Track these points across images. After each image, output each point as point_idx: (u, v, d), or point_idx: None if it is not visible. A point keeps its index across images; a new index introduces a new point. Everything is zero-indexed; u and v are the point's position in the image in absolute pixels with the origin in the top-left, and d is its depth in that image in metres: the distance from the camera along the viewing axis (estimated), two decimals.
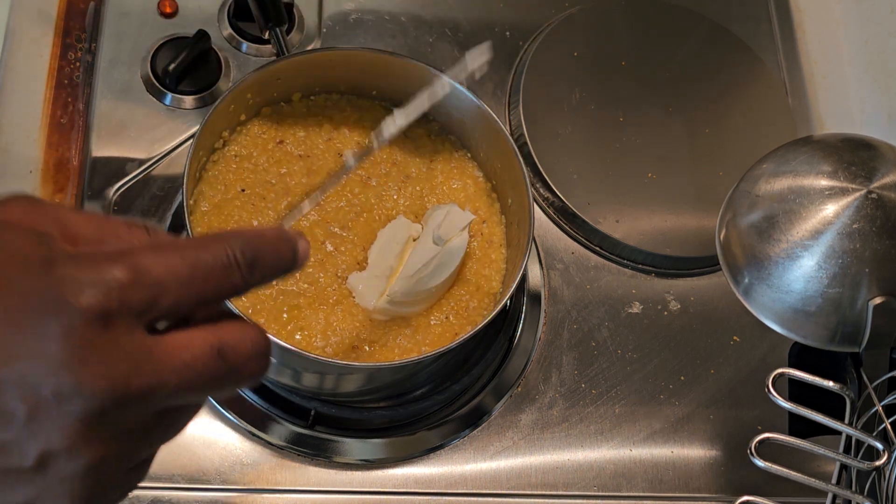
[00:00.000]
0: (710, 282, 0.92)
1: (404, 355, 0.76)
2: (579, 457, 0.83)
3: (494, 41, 1.01)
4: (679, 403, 0.87)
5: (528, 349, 0.87)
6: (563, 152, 0.94)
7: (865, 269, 0.65)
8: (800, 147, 0.70)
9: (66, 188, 0.85)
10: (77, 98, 0.89)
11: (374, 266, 0.77)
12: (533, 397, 0.85)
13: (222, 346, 0.42)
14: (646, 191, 0.94)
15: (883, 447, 0.64)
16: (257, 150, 0.81)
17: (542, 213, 0.93)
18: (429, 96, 0.68)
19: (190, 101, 0.90)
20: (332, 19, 0.98)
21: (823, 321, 0.67)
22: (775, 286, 0.67)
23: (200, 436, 0.79)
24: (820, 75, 1.07)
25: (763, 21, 1.08)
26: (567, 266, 0.91)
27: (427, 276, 0.76)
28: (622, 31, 1.03)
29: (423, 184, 0.83)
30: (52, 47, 0.91)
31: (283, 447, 0.79)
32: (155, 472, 0.76)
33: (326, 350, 0.74)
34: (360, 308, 0.76)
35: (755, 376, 0.88)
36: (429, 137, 0.85)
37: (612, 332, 0.89)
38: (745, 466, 0.67)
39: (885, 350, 0.68)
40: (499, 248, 0.82)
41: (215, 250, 0.42)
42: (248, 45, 0.93)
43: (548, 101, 0.96)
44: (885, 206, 0.65)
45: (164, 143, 0.88)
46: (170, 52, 0.90)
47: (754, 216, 0.69)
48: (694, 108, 1.00)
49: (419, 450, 0.81)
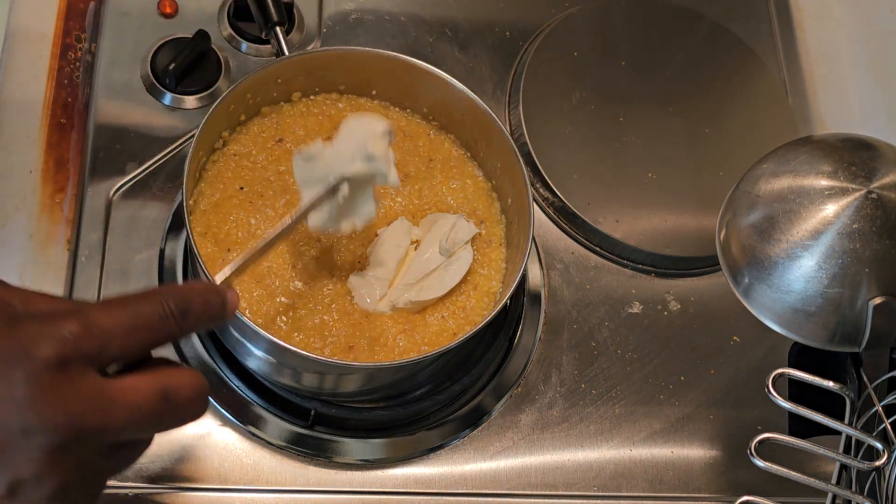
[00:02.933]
0: (710, 282, 0.92)
1: (404, 355, 0.76)
2: (579, 457, 0.83)
3: (494, 41, 1.01)
4: (679, 403, 0.87)
5: (528, 349, 0.87)
6: (563, 152, 0.94)
7: (865, 269, 0.65)
8: (800, 147, 0.70)
9: (65, 188, 0.85)
10: (77, 98, 0.89)
11: (375, 267, 0.78)
12: (533, 397, 0.85)
13: (167, 389, 0.49)
14: (646, 191, 0.94)
15: (883, 447, 0.64)
16: (256, 148, 0.81)
17: (542, 212, 0.93)
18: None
19: (190, 101, 0.90)
20: (332, 19, 0.98)
21: (823, 321, 0.67)
22: (775, 286, 0.67)
23: (200, 436, 0.79)
24: (820, 75, 1.07)
25: (763, 21, 1.08)
26: (567, 266, 0.91)
27: (429, 285, 0.77)
28: (622, 31, 1.03)
29: (423, 183, 0.83)
30: (52, 47, 0.91)
31: (283, 447, 0.79)
32: (155, 472, 0.76)
33: (325, 350, 0.74)
34: (356, 307, 0.76)
35: (755, 376, 0.88)
36: (428, 136, 0.85)
37: (612, 332, 0.89)
38: (745, 466, 0.67)
39: (885, 350, 0.68)
40: (498, 247, 0.82)
41: (152, 303, 0.50)
42: (248, 45, 0.93)
43: (548, 101, 0.96)
44: (885, 206, 0.65)
45: (164, 143, 0.88)
46: (170, 52, 0.90)
47: (754, 216, 0.69)
48: (694, 108, 1.00)
49: (419, 450, 0.81)
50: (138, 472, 0.76)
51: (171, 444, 0.78)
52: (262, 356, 0.76)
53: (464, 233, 0.79)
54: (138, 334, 0.49)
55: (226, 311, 0.55)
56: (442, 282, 0.77)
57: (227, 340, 0.79)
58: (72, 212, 0.84)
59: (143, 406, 0.48)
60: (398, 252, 0.78)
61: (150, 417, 0.49)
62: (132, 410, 0.48)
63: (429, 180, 0.83)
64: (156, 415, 0.49)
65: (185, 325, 0.51)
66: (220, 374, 0.80)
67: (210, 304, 0.53)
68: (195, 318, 0.52)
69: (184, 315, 0.51)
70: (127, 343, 0.48)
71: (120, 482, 0.75)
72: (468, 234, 0.80)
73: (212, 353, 0.81)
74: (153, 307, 0.50)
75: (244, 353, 0.78)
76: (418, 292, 0.77)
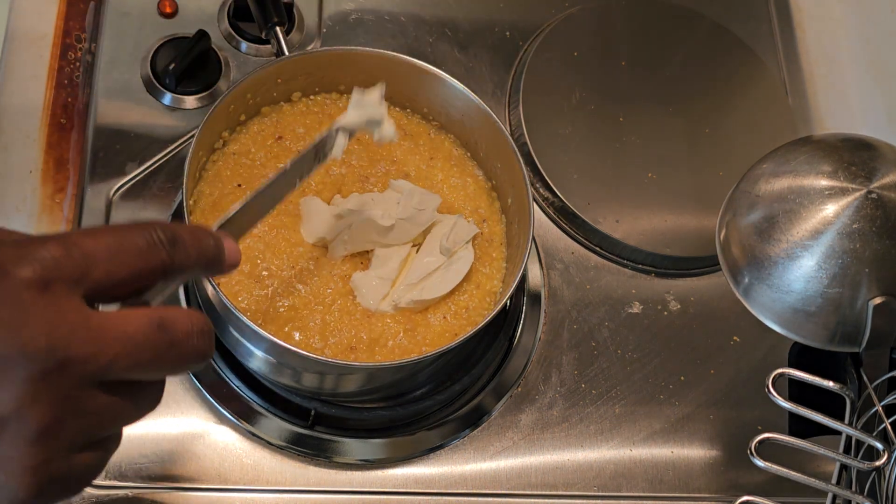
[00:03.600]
0: (710, 282, 0.92)
1: (404, 355, 0.76)
2: (579, 457, 0.83)
3: (494, 41, 1.01)
4: (679, 403, 0.87)
5: (528, 349, 0.87)
6: (563, 152, 0.94)
7: (865, 269, 0.65)
8: (800, 147, 0.70)
9: (65, 188, 0.85)
10: (77, 98, 0.89)
11: (378, 267, 0.78)
12: (533, 397, 0.85)
13: (162, 320, 0.45)
14: (646, 191, 0.94)
15: (883, 447, 0.64)
16: (255, 146, 0.81)
17: (542, 212, 0.93)
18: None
19: (190, 101, 0.90)
20: (332, 19, 0.98)
21: (823, 321, 0.67)
22: (775, 286, 0.67)
23: (200, 436, 0.79)
24: (820, 75, 1.07)
25: (763, 21, 1.08)
26: (567, 266, 0.91)
27: (431, 285, 0.77)
28: (622, 31, 1.03)
29: (423, 182, 0.83)
30: (52, 47, 0.91)
31: (283, 447, 0.79)
32: (155, 472, 0.76)
33: (325, 350, 0.74)
34: (358, 307, 0.76)
35: (755, 376, 0.88)
36: (428, 136, 0.85)
37: (612, 332, 0.89)
38: (745, 466, 0.67)
39: (885, 350, 0.68)
40: (499, 246, 0.82)
41: (139, 228, 0.46)
42: (248, 45, 0.93)
43: (548, 101, 0.96)
44: (885, 206, 0.65)
45: (164, 143, 0.88)
46: (170, 52, 0.90)
47: (754, 216, 0.69)
48: (694, 108, 1.00)
49: (419, 450, 0.81)
50: (138, 471, 0.76)
51: (171, 443, 0.78)
52: (262, 356, 0.76)
53: (464, 233, 0.80)
54: (124, 258, 0.45)
55: (221, 256, 0.51)
56: (444, 281, 0.78)
57: (227, 340, 0.79)
58: (72, 212, 0.84)
59: (135, 336, 0.44)
60: (401, 253, 0.78)
61: (144, 351, 0.44)
62: (123, 341, 0.44)
63: (429, 179, 0.83)
64: (151, 348, 0.45)
65: (176, 256, 0.47)
66: (220, 374, 0.80)
67: (202, 242, 0.49)
68: (185, 251, 0.47)
69: (173, 243, 0.47)
70: (113, 267, 0.44)
71: (120, 482, 0.76)
72: (468, 233, 0.80)
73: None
74: (139, 232, 0.46)
75: (244, 353, 0.78)
76: (420, 292, 0.77)
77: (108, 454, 0.47)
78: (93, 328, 0.43)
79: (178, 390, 0.79)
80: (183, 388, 0.80)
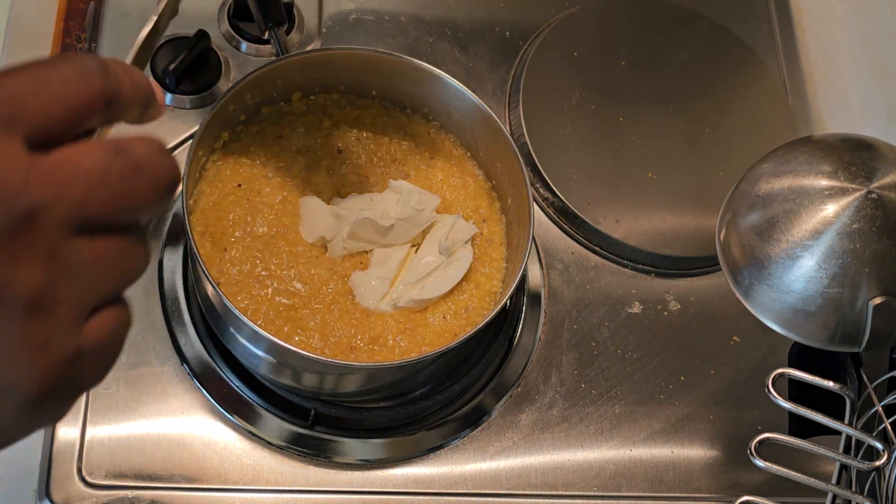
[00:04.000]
0: (710, 282, 0.92)
1: (404, 355, 0.75)
2: (579, 457, 0.83)
3: (494, 41, 1.01)
4: (679, 403, 0.87)
5: (528, 349, 0.87)
6: (563, 152, 0.94)
7: (865, 269, 0.65)
8: (800, 147, 0.70)
9: None
10: None
11: (377, 267, 0.78)
12: (533, 397, 0.85)
13: (118, 145, 0.40)
14: (646, 191, 0.94)
15: (883, 447, 0.64)
16: (255, 145, 0.81)
17: (542, 212, 0.93)
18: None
19: (190, 101, 0.90)
20: (332, 19, 0.98)
21: (823, 321, 0.67)
22: (775, 286, 0.67)
23: (200, 436, 0.79)
24: (820, 75, 1.07)
25: (763, 21, 1.08)
26: (567, 266, 0.91)
27: (430, 285, 0.77)
28: (622, 31, 1.03)
29: (423, 182, 0.83)
30: (52, 47, 0.91)
31: (283, 447, 0.79)
32: (155, 472, 0.76)
33: (325, 350, 0.74)
34: (357, 307, 0.76)
35: (755, 376, 0.88)
36: (429, 136, 0.85)
37: (612, 332, 0.89)
38: (745, 466, 0.67)
39: (885, 350, 0.68)
40: (499, 246, 0.82)
41: (64, 59, 0.40)
42: (248, 45, 0.93)
43: (548, 101, 0.96)
44: (885, 206, 0.65)
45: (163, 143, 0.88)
46: (170, 52, 0.90)
47: (754, 216, 0.69)
48: (694, 108, 1.00)
49: (419, 450, 0.81)
50: (138, 472, 0.76)
51: (171, 443, 0.78)
52: (262, 356, 0.76)
53: (463, 232, 0.80)
54: (56, 89, 0.39)
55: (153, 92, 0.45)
56: (443, 280, 0.78)
57: (227, 340, 0.79)
58: None
59: (96, 167, 0.38)
60: (400, 253, 0.78)
61: (111, 181, 0.39)
62: (85, 176, 0.38)
63: (429, 179, 0.83)
64: (117, 176, 0.39)
65: (110, 82, 0.41)
66: (220, 374, 0.80)
67: (132, 72, 0.43)
68: (118, 79, 0.42)
69: (104, 70, 0.41)
70: (46, 103, 0.39)
71: (120, 482, 0.76)
72: (467, 233, 0.80)
73: (212, 354, 0.81)
74: (65, 62, 0.40)
75: (244, 353, 0.78)
76: (419, 291, 0.77)
77: (122, 325, 0.41)
78: (46, 170, 0.37)
79: (178, 390, 0.79)
80: (183, 389, 0.80)
